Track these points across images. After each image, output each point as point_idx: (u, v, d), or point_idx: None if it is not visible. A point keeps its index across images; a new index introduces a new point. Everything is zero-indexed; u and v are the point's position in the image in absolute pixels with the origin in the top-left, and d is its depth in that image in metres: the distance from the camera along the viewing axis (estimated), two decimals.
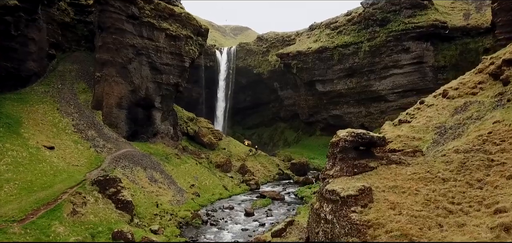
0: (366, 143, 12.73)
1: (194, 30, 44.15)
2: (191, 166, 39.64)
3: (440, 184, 11.19)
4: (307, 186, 39.89)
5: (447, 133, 15.93)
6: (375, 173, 12.46)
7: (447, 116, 17.44)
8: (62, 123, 34.14)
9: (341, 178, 12.31)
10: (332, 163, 13.14)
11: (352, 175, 12.29)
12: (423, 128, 17.49)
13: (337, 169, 12.53)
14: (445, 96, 18.82)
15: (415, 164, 12.59)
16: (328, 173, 12.97)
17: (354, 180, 12.14)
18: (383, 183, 11.89)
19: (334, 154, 13.13)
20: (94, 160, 31.08)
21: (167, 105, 43.70)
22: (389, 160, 12.84)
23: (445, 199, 10.49)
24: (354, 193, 11.33)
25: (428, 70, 55.10)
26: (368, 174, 12.41)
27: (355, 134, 12.60)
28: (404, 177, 12.02)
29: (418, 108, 19.70)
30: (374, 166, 12.60)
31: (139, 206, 27.49)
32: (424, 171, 11.89)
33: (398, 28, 55.24)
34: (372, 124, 60.93)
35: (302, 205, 32.44)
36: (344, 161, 12.60)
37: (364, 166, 12.45)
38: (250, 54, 75.40)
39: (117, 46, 38.12)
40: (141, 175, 32.22)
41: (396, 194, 11.37)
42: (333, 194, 11.77)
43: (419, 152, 13.37)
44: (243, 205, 32.78)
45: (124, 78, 38.82)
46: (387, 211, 10.81)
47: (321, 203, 12.61)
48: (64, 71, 41.38)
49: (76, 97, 38.42)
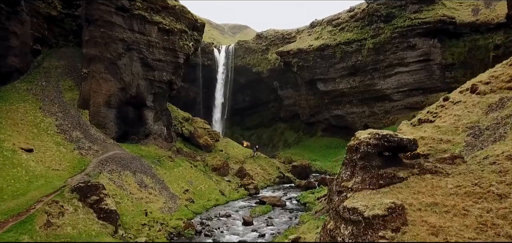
0: (393, 147, 10.15)
1: (189, 24, 41.49)
2: (185, 170, 36.96)
3: (496, 201, 8.62)
4: (309, 190, 37.27)
5: (483, 135, 13.34)
6: (406, 185, 9.85)
7: (480, 114, 14.84)
8: (44, 123, 31.41)
9: (363, 192, 9.70)
10: (350, 172, 10.52)
11: (377, 188, 9.69)
12: (452, 129, 14.89)
13: (358, 181, 9.92)
14: (474, 91, 16.23)
15: (457, 174, 10.00)
16: (345, 185, 10.35)
17: (380, 195, 9.52)
18: (418, 200, 9.27)
19: (353, 161, 10.52)
20: (77, 164, 28.37)
21: (160, 104, 41.00)
22: (422, 168, 10.25)
23: (507, 223, 7.90)
24: (382, 212, 8.73)
25: (435, 68, 52.66)
26: (397, 187, 9.79)
27: (379, 136, 10.00)
28: (444, 191, 9.42)
29: (442, 106, 17.11)
30: (403, 176, 10.00)
31: (126, 215, 24.79)
32: (471, 184, 9.32)
33: (404, 24, 52.80)
34: (376, 125, 58.47)
35: (305, 212, 29.83)
36: (367, 170, 10.01)
37: (392, 177, 9.85)
38: (249, 52, 72.96)
39: (105, 41, 35.43)
40: (129, 180, 29.51)
41: (437, 215, 8.76)
42: (354, 213, 9.16)
43: (459, 159, 10.78)
44: (241, 213, 30.14)
45: (113, 75, 36.12)
46: (427, 237, 8.21)
47: (337, 223, 9.99)
48: (49, 68, 38.63)
49: (61, 95, 35.68)
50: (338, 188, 10.74)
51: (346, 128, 62.05)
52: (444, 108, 16.81)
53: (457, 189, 9.32)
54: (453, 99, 16.86)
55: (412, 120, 18.98)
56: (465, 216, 8.47)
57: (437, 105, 17.58)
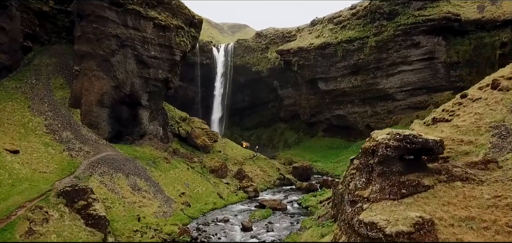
0: (417, 150, 8.64)
1: (186, 20, 39.94)
2: (181, 172, 35.41)
3: None
4: (311, 193, 35.77)
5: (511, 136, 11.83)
6: (433, 195, 8.37)
7: (505, 112, 13.34)
8: (33, 123, 29.84)
9: (383, 203, 8.21)
10: (366, 179, 9.01)
11: (398, 198, 8.20)
12: (473, 129, 13.38)
13: (376, 189, 8.43)
14: (496, 87, 14.74)
15: (493, 182, 8.53)
16: (360, 194, 8.84)
17: (404, 206, 8.03)
18: (449, 213, 7.78)
19: (369, 166, 9.02)
20: (66, 166, 26.80)
21: (156, 103, 39.42)
22: (450, 174, 8.77)
23: None
24: (408, 228, 7.25)
25: (440, 66, 51.27)
26: (422, 197, 8.31)
27: (401, 137, 8.50)
28: (480, 202, 7.93)
29: (459, 103, 15.59)
30: (429, 184, 8.52)
31: (116, 221, 23.24)
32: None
33: (407, 21, 51.39)
34: (378, 125, 57.04)
35: (307, 216, 28.33)
36: (386, 176, 8.51)
37: (415, 185, 8.37)
38: (248, 51, 71.52)
39: (98, 37, 33.87)
40: (122, 183, 27.96)
41: (475, 232, 7.26)
42: (373, 229, 7.67)
43: (493, 163, 9.29)
44: (240, 217, 28.63)
45: (106, 72, 34.55)
46: None
47: (351, 238, 8.48)
48: (40, 65, 37.04)
49: (51, 94, 34.10)
50: (351, 197, 9.22)
51: (348, 128, 60.69)
52: (462, 106, 15.29)
53: (496, 200, 7.84)
54: (472, 96, 15.35)
55: (425, 119, 17.47)
56: (511, 233, 6.98)
57: (454, 102, 16.06)
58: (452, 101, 16.51)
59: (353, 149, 54.25)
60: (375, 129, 54.61)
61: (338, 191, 21.92)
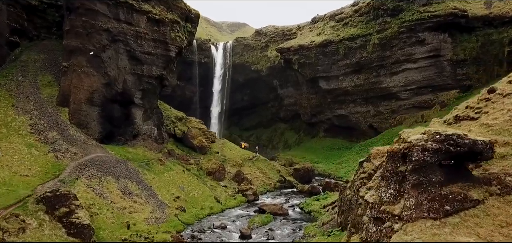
0: (462, 154, 6.77)
1: (182, 14, 38.00)
2: (176, 174, 33.46)
3: None
4: (313, 196, 33.88)
5: None
6: (484, 212, 6.50)
7: None
8: (16, 123, 27.86)
9: (421, 223, 6.35)
10: (395, 190, 7.13)
11: (441, 216, 6.34)
12: (508, 128, 11.50)
13: (410, 205, 6.56)
14: None
15: None
16: (389, 210, 6.96)
17: (449, 228, 6.16)
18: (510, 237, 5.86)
19: (398, 174, 7.13)
20: (51, 169, 24.85)
21: (150, 101, 37.46)
22: (504, 185, 6.91)
23: None
24: None
25: (446, 64, 49.49)
26: (471, 215, 6.44)
27: (442, 137, 6.64)
28: None
29: (486, 99, 13.75)
30: (478, 198, 6.66)
31: (103, 229, 21.30)
32: None
33: (412, 17, 49.58)
34: (381, 125, 55.34)
35: (310, 222, 26.47)
36: (423, 188, 6.64)
37: (461, 199, 6.51)
38: (247, 49, 69.62)
39: (88, 31, 31.92)
40: (111, 187, 26.00)
41: None
42: None
43: None
44: (238, 223, 26.72)
45: (96, 69, 32.59)
46: None
47: None
48: (27, 61, 35.08)
49: (38, 92, 32.13)
50: (375, 212, 7.32)
51: (350, 128, 58.89)
52: (491, 102, 13.44)
53: None
54: (502, 91, 13.50)
55: (445, 117, 15.60)
56: None
57: (480, 98, 14.20)
58: (478, 97, 14.66)
59: (356, 150, 52.42)
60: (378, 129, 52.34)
61: (346, 196, 20.07)
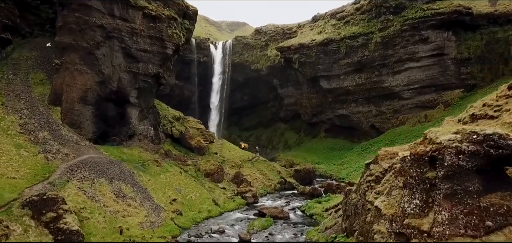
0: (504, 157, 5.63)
1: (179, 10, 36.85)
2: (173, 176, 32.29)
3: None
4: (315, 199, 32.72)
5: None
6: None
7: None
8: (5, 122, 26.66)
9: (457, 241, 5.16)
10: (421, 201, 5.98)
11: (482, 233, 5.21)
12: None
13: (443, 219, 5.42)
14: None
15: None
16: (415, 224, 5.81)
17: None
18: None
19: (426, 182, 5.97)
20: (40, 170, 23.65)
21: (146, 100, 36.29)
22: None
23: None
24: None
25: (450, 63, 48.47)
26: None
27: (480, 138, 5.49)
28: None
29: (506, 96, 12.62)
30: None
31: (94, 234, 20.10)
32: None
33: (415, 15, 48.59)
34: (384, 125, 54.26)
35: (312, 226, 25.34)
36: (458, 199, 5.49)
37: (505, 213, 5.38)
38: (247, 48, 68.54)
39: (81, 27, 30.75)
40: (104, 189, 24.82)
41: None
42: None
43: None
44: (237, 227, 25.57)
45: (90, 66, 31.41)
46: None
47: None
48: (19, 59, 33.88)
49: (29, 90, 30.94)
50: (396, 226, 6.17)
51: (351, 128, 57.83)
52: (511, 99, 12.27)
53: None
54: None
55: (460, 116, 14.45)
56: None
57: (499, 95, 13.08)
58: (497, 94, 13.53)
59: (358, 150, 51.33)
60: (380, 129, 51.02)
61: (351, 200, 18.91)
